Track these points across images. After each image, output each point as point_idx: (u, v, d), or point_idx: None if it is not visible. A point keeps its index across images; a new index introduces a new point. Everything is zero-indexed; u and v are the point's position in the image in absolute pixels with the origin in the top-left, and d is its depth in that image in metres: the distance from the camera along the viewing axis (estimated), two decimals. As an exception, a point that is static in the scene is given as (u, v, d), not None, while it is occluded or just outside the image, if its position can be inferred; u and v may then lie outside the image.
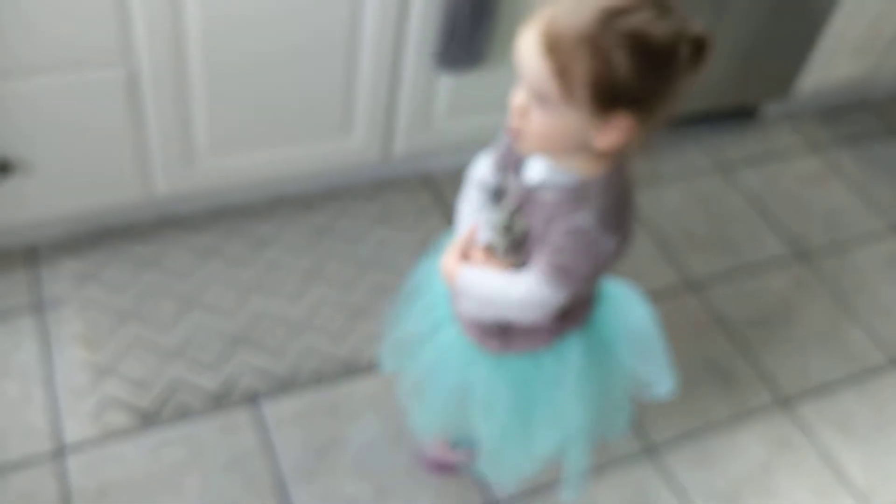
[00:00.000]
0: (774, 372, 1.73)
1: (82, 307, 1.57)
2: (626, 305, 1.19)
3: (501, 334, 1.13)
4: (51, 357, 1.50)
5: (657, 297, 1.82)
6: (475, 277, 1.05)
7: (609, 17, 0.84)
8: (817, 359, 1.77)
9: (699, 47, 0.88)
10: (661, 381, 1.22)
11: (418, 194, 1.91)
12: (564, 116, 0.89)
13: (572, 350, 1.13)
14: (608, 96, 0.86)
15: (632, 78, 0.85)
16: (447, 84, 1.74)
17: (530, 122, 0.91)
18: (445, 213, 1.87)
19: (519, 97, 0.92)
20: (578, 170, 0.96)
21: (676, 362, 1.71)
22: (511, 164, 1.04)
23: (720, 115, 2.27)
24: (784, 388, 1.71)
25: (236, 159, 1.67)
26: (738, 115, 2.33)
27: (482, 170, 1.13)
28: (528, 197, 1.01)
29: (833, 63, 2.23)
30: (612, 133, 0.89)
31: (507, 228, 1.03)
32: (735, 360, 1.74)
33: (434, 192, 1.93)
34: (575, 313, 1.11)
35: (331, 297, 1.67)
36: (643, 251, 1.92)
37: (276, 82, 1.58)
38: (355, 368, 1.57)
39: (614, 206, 0.96)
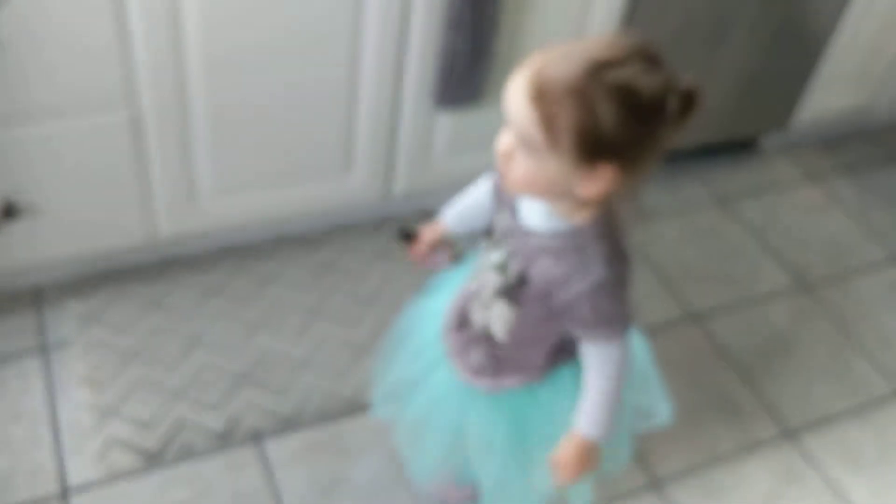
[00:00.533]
0: (779, 403, 1.72)
1: (87, 349, 1.58)
2: None
3: (493, 373, 1.13)
4: (56, 399, 1.51)
5: (659, 330, 1.83)
6: (595, 420, 1.07)
7: (597, 69, 0.85)
8: (821, 389, 1.77)
9: (688, 101, 0.89)
10: (659, 409, 1.23)
11: (420, 231, 1.93)
12: (548, 163, 0.89)
13: (566, 379, 1.14)
14: (592, 147, 0.87)
15: (617, 130, 0.86)
16: (446, 122, 1.76)
17: (515, 167, 0.93)
18: (448, 248, 1.88)
19: (505, 141, 0.93)
20: (569, 215, 0.97)
21: (680, 395, 1.71)
22: (506, 201, 1.05)
23: (718, 147, 2.29)
24: (789, 419, 1.70)
25: (239, 199, 1.69)
26: (737, 147, 2.35)
27: (482, 188, 1.15)
28: (523, 240, 1.02)
29: (830, 94, 2.26)
30: (596, 183, 0.90)
31: (502, 268, 1.04)
32: (739, 391, 1.73)
33: (435, 228, 1.95)
34: (568, 347, 1.12)
35: (334, 334, 1.68)
36: (644, 285, 1.93)
37: (278, 124, 1.60)
38: (359, 406, 1.57)
39: (614, 245, 0.99)
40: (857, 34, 2.13)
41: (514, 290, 1.04)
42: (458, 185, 1.90)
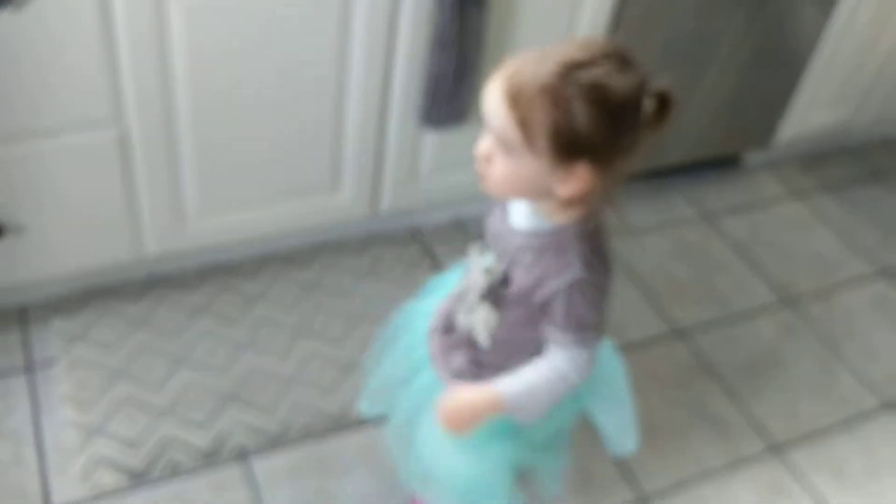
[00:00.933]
0: (766, 418, 1.73)
1: (72, 367, 1.57)
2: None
3: (473, 379, 1.14)
4: (40, 417, 1.50)
5: (645, 346, 1.84)
6: (514, 389, 1.05)
7: (570, 70, 0.88)
8: (808, 404, 1.78)
9: (663, 102, 0.91)
10: (627, 436, 1.21)
11: (406, 248, 1.94)
12: (527, 164, 0.92)
13: None
14: (568, 146, 0.89)
15: (591, 129, 0.88)
16: (432, 141, 1.77)
17: (494, 168, 0.95)
18: (434, 266, 1.89)
19: (484, 144, 0.95)
20: (552, 215, 0.99)
21: (666, 410, 1.72)
22: (500, 203, 1.08)
23: (702, 164, 2.32)
24: (776, 434, 1.71)
25: (225, 218, 1.69)
26: (721, 163, 2.38)
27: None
28: (509, 240, 1.04)
29: (812, 111, 2.28)
30: (573, 182, 0.92)
31: (490, 271, 1.05)
32: (726, 407, 1.74)
33: (422, 245, 1.95)
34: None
35: (320, 352, 1.68)
36: (629, 301, 1.94)
37: (265, 144, 1.61)
38: (345, 423, 1.57)
39: (594, 248, 1.00)
40: (838, 52, 2.16)
41: (498, 293, 1.05)
42: (443, 202, 1.93)
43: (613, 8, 1.75)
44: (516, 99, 0.89)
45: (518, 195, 0.99)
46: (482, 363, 1.14)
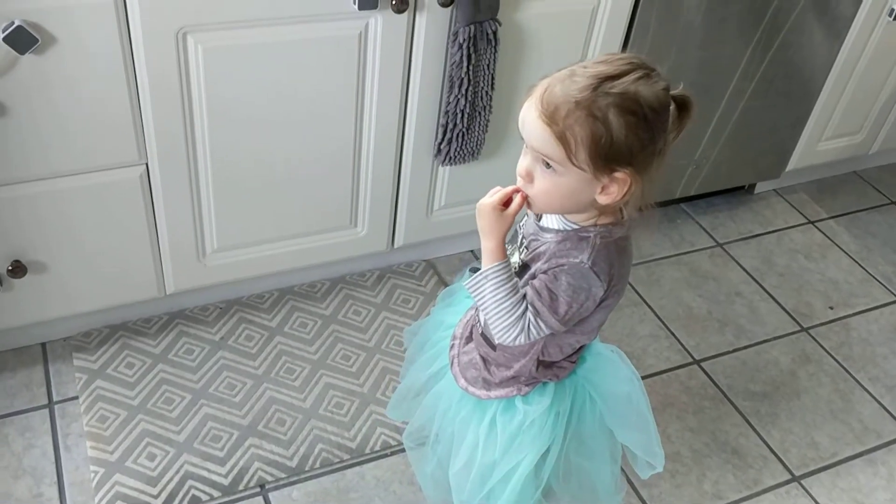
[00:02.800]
0: (785, 447, 1.72)
1: (92, 403, 1.59)
2: (609, 364, 1.21)
3: (485, 385, 1.18)
4: (61, 455, 1.51)
5: (662, 374, 1.83)
6: (493, 275, 1.05)
7: (600, 83, 0.93)
8: (828, 432, 1.77)
9: (684, 106, 0.97)
10: (654, 452, 1.21)
11: (421, 280, 1.95)
12: (568, 177, 0.97)
13: (545, 394, 1.17)
14: (607, 155, 0.94)
15: (627, 136, 0.93)
16: (446, 176, 1.80)
17: (536, 185, 0.99)
18: (449, 298, 1.90)
19: (524, 163, 1.00)
20: (584, 221, 1.04)
21: (684, 439, 1.71)
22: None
23: (715, 192, 2.33)
24: (795, 463, 1.69)
25: (246, 255, 1.71)
26: (733, 191, 2.39)
27: None
28: (538, 238, 1.07)
29: (823, 140, 2.30)
30: (613, 189, 0.97)
31: (514, 265, 1.09)
32: (744, 436, 1.73)
33: (437, 277, 1.97)
34: (555, 368, 1.16)
35: (338, 385, 1.69)
36: (646, 329, 1.94)
37: (284, 182, 1.63)
38: (364, 455, 1.57)
39: (608, 255, 1.03)
40: (848, 81, 2.17)
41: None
42: (457, 235, 1.95)
43: (622, 41, 1.77)
44: (553, 116, 0.94)
45: (560, 208, 1.02)
46: (490, 361, 1.17)
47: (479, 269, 1.09)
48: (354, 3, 1.44)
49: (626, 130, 0.93)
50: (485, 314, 1.06)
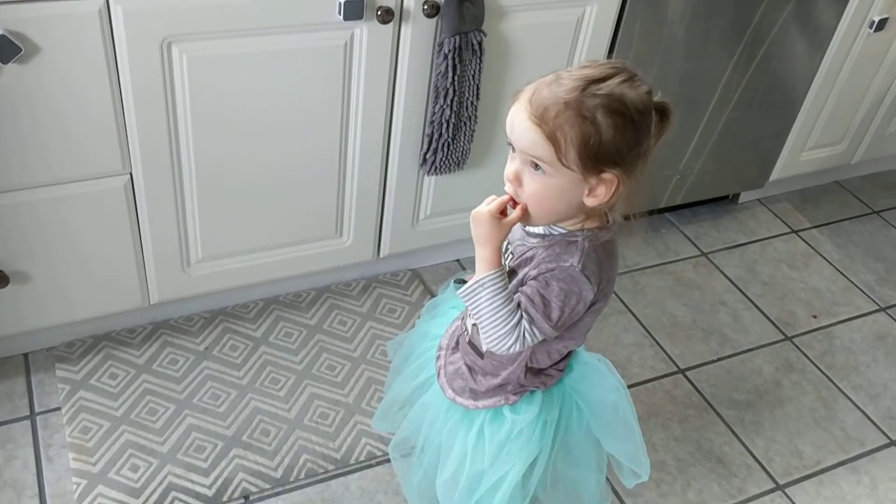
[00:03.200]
0: (770, 456, 1.73)
1: (75, 414, 1.57)
2: (596, 374, 1.22)
3: (472, 394, 1.18)
4: (43, 466, 1.50)
5: (647, 383, 1.84)
6: (488, 285, 1.04)
7: (587, 85, 0.95)
8: (812, 441, 1.78)
9: (663, 113, 0.99)
10: (640, 461, 1.22)
11: (407, 290, 1.95)
12: (557, 178, 0.98)
13: (533, 403, 1.17)
14: (596, 154, 0.95)
15: (615, 136, 0.95)
16: (431, 186, 1.80)
17: (525, 188, 1.00)
18: (435, 308, 1.90)
19: (512, 167, 1.01)
20: (570, 225, 1.05)
21: (669, 448, 1.71)
22: None
23: (700, 201, 2.34)
24: (779, 472, 1.70)
25: (230, 264, 1.71)
26: (716, 200, 2.40)
27: None
28: (524, 243, 1.08)
29: (806, 150, 2.32)
30: (601, 190, 0.98)
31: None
32: (728, 444, 1.74)
33: (422, 286, 1.97)
34: (542, 375, 1.16)
35: (323, 395, 1.68)
36: (630, 338, 1.95)
37: (269, 191, 1.63)
38: (349, 466, 1.57)
39: (597, 258, 1.04)
40: (830, 92, 2.19)
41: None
42: (443, 245, 1.95)
43: (606, 53, 1.78)
44: (543, 116, 0.95)
45: (550, 212, 1.02)
46: (477, 370, 1.18)
47: (464, 281, 1.09)
48: (339, 14, 1.45)
49: (614, 131, 0.94)
50: (480, 323, 1.06)
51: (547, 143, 0.95)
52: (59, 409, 1.59)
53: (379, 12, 1.47)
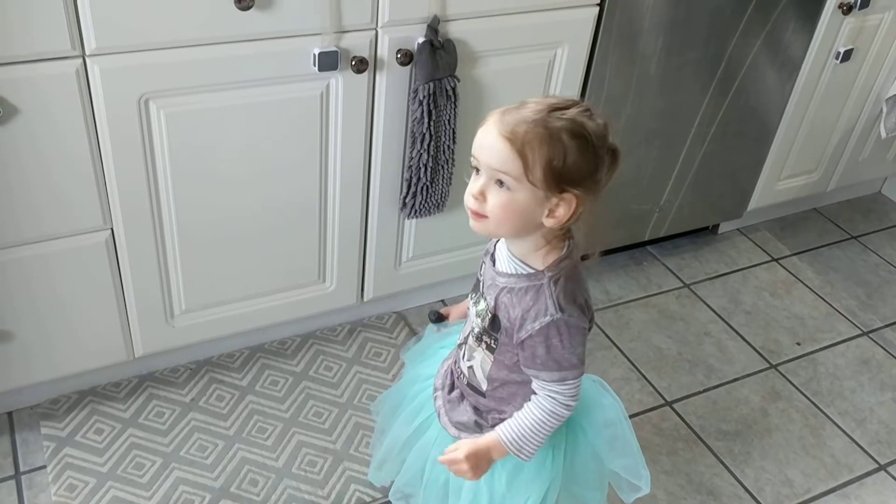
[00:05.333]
0: (760, 486, 1.73)
1: (61, 472, 1.56)
2: (594, 394, 1.26)
3: (476, 428, 1.20)
4: (30, 526, 1.48)
5: (635, 416, 1.84)
6: (511, 433, 1.13)
7: (551, 110, 1.02)
8: (800, 468, 1.78)
9: (614, 154, 1.05)
10: (640, 474, 1.25)
11: (392, 332, 1.96)
12: (521, 194, 1.02)
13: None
14: (559, 174, 1.00)
15: (577, 158, 1.00)
16: (412, 229, 1.82)
17: (489, 204, 1.04)
18: (421, 350, 1.91)
19: (477, 184, 1.04)
20: (531, 257, 1.09)
21: (659, 480, 1.71)
22: (488, 256, 1.16)
23: (680, 233, 2.37)
24: (770, 501, 1.70)
25: (214, 314, 1.71)
26: (698, 231, 2.43)
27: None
28: (495, 283, 1.12)
29: (782, 179, 2.35)
30: (561, 211, 1.02)
31: (479, 314, 1.14)
32: (718, 475, 1.74)
33: (407, 329, 1.97)
34: None
35: (312, 442, 1.68)
36: (617, 372, 1.96)
37: (250, 241, 1.64)
38: (338, 514, 1.56)
39: (569, 289, 1.07)
40: (802, 122, 2.23)
41: (489, 334, 1.13)
42: (426, 286, 1.96)
43: (579, 93, 1.82)
44: (514, 132, 1.00)
45: (511, 228, 1.06)
46: (483, 409, 1.20)
47: (439, 315, 1.18)
48: (315, 65, 1.47)
49: (578, 152, 1.00)
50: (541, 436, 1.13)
51: (516, 158, 0.99)
52: (44, 467, 1.58)
53: (353, 62, 1.49)
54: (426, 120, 1.58)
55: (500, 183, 1.02)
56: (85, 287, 1.54)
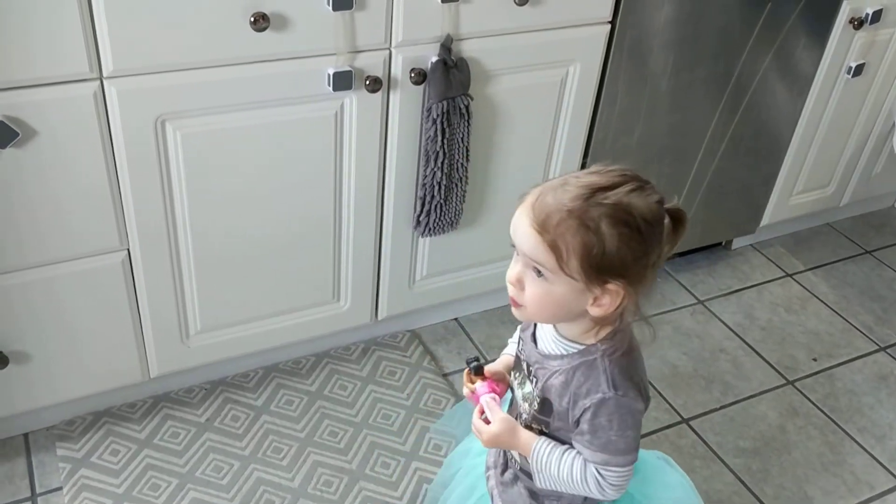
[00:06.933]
0: (779, 503, 1.71)
1: (76, 494, 1.56)
2: (659, 473, 1.19)
3: None
4: (46, 548, 1.48)
5: (651, 434, 1.83)
6: (542, 456, 1.06)
7: (593, 193, 0.92)
8: (821, 486, 1.76)
9: (678, 219, 0.96)
10: None
11: (406, 351, 1.95)
12: (559, 286, 0.94)
13: None
14: (598, 266, 0.92)
15: (619, 247, 0.91)
16: (426, 247, 1.82)
17: (527, 293, 0.97)
18: (434, 368, 1.90)
19: (514, 269, 0.98)
20: (580, 337, 1.01)
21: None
22: (528, 332, 1.09)
23: (692, 249, 2.36)
24: (790, 519, 1.69)
25: (229, 335, 1.71)
26: (711, 247, 2.42)
27: (511, 342, 1.18)
28: (542, 365, 1.05)
29: (795, 194, 2.35)
30: (605, 301, 0.95)
31: (530, 399, 1.07)
32: (739, 494, 1.72)
33: (422, 347, 1.97)
34: None
35: (327, 462, 1.67)
36: (633, 390, 1.94)
37: (265, 260, 1.64)
38: (355, 535, 1.55)
39: (624, 365, 1.00)
40: (814, 136, 2.23)
41: (539, 420, 1.06)
42: (440, 304, 1.96)
43: (591, 111, 1.82)
44: (545, 224, 0.92)
45: (551, 318, 1.00)
46: (539, 492, 1.12)
47: (477, 361, 1.09)
48: (329, 85, 1.48)
49: (619, 242, 0.91)
50: (556, 485, 1.07)
51: (548, 251, 0.92)
52: (60, 488, 1.58)
53: (367, 82, 1.50)
54: (440, 138, 1.59)
55: (539, 271, 0.95)
56: (101, 307, 1.54)
